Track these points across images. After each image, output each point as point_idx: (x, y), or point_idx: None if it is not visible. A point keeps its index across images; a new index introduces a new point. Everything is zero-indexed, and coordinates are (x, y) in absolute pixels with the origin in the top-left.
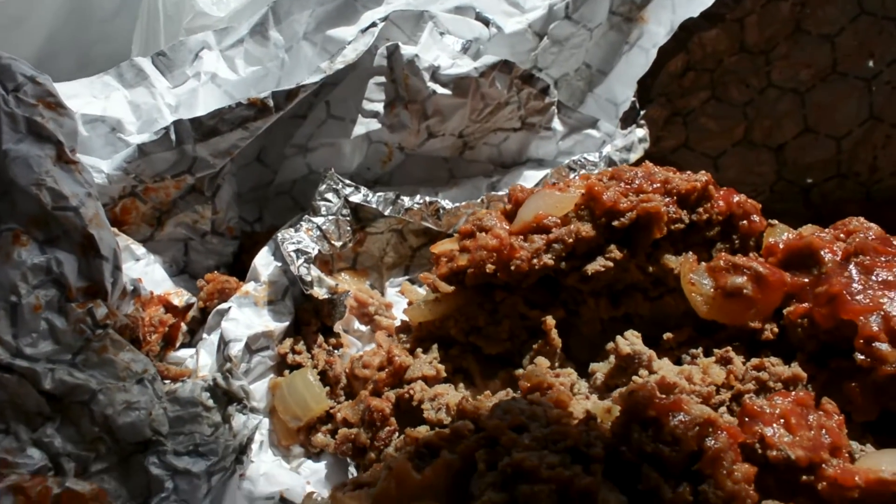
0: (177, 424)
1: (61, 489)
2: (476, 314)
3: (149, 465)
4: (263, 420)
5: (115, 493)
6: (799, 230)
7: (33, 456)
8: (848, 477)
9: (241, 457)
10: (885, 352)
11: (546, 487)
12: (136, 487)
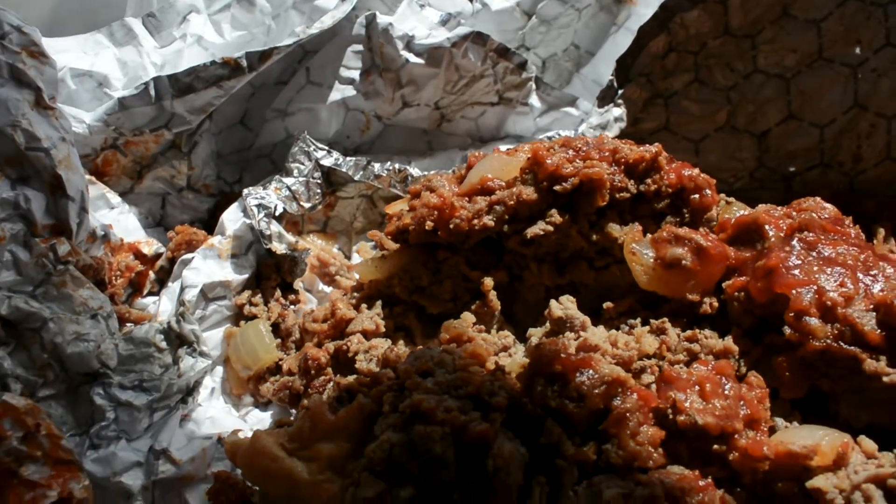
0: (129, 362)
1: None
2: (420, 273)
3: (94, 395)
4: (217, 368)
5: (61, 419)
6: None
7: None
8: (757, 448)
9: (186, 397)
10: (815, 326)
11: (440, 429)
12: (82, 416)
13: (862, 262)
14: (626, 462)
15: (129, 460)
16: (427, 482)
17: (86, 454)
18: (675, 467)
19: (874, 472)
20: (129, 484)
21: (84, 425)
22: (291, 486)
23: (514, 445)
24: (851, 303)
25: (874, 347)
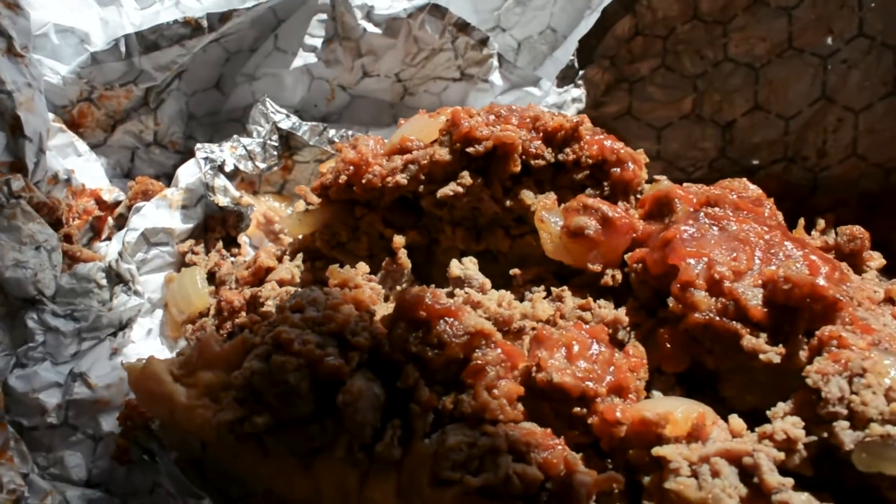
0: (70, 295)
1: None
2: (339, 229)
3: (27, 318)
4: (158, 311)
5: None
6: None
7: None
8: (610, 412)
9: (117, 332)
10: (698, 299)
11: (295, 360)
12: (17, 338)
13: (765, 241)
14: (476, 413)
15: (49, 380)
16: (285, 413)
17: (11, 371)
18: (528, 424)
19: (725, 446)
20: (44, 401)
21: (17, 346)
22: (171, 409)
23: (367, 384)
24: (741, 278)
25: (756, 324)
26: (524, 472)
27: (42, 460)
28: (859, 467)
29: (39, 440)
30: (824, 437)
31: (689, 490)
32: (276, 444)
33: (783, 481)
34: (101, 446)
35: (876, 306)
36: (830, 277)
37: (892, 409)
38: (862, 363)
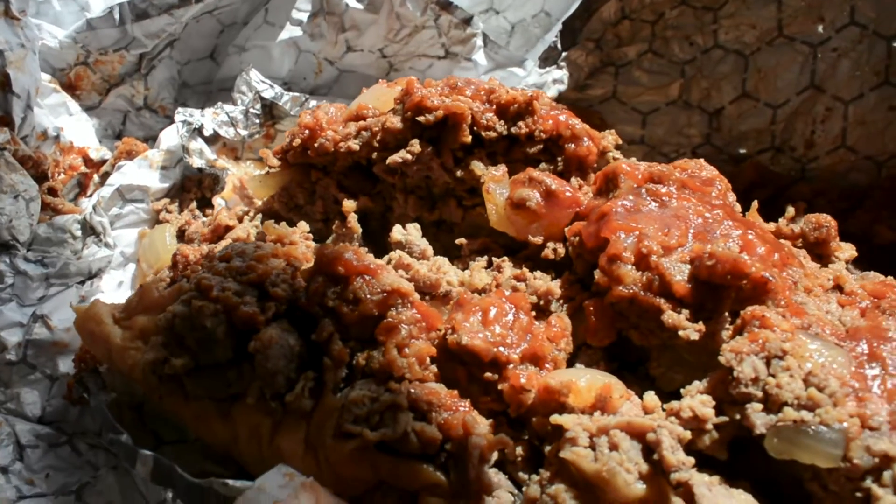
0: (46, 244)
1: None
2: (296, 192)
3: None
4: (131, 265)
5: None
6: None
7: None
8: (516, 378)
9: (85, 280)
10: (623, 272)
11: (212, 306)
12: None
13: (704, 220)
14: (384, 369)
15: (13, 320)
16: (204, 357)
17: None
18: (435, 385)
19: (627, 419)
20: (6, 338)
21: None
22: (108, 350)
23: (281, 334)
24: (670, 253)
25: (679, 300)
26: (423, 430)
27: (0, 395)
28: (771, 453)
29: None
30: (736, 418)
31: (583, 460)
32: (195, 387)
33: (684, 460)
34: (57, 386)
35: (824, 293)
36: (766, 258)
37: (809, 394)
38: (782, 345)
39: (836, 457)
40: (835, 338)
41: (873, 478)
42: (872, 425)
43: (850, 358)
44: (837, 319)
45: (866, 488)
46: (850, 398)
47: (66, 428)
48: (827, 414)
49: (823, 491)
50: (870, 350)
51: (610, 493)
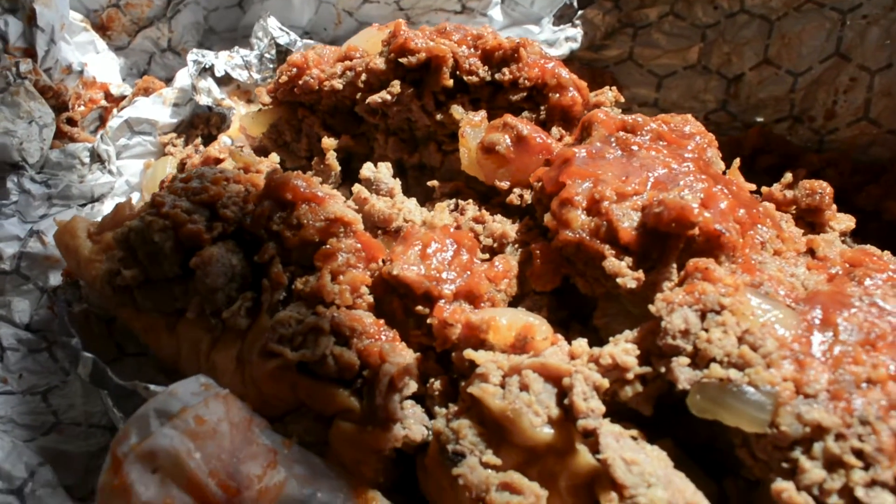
0: (55, 167)
1: None
2: (284, 129)
3: (8, 180)
4: (136, 193)
5: None
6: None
7: None
8: (440, 311)
9: (86, 204)
10: (570, 216)
11: (162, 221)
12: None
13: (670, 170)
14: (314, 292)
15: (11, 233)
16: (153, 272)
17: None
18: (363, 314)
19: (542, 360)
20: (3, 248)
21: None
22: (77, 261)
23: (224, 253)
24: (623, 200)
25: (623, 247)
26: (341, 354)
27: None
28: (693, 410)
29: None
30: (661, 372)
31: (490, 398)
32: (144, 300)
33: (595, 407)
34: (46, 298)
35: (795, 256)
36: (726, 213)
37: (741, 351)
38: (721, 299)
39: (762, 421)
40: (790, 300)
41: (803, 449)
42: (808, 392)
43: (799, 321)
44: (801, 283)
45: (794, 459)
46: (788, 361)
47: (49, 336)
48: (757, 374)
49: (752, 459)
50: (824, 315)
51: (516, 434)
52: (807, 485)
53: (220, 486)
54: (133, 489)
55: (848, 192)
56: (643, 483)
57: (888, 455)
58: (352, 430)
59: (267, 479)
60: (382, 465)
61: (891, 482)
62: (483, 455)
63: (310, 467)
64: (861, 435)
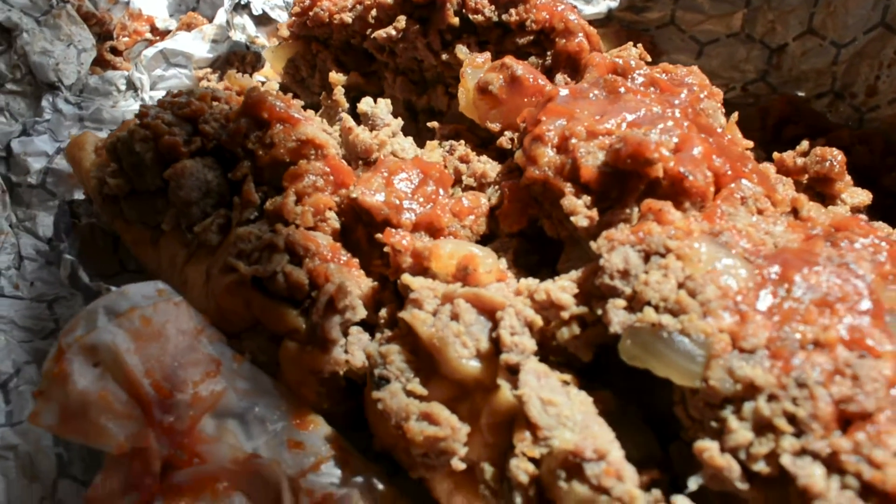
0: (92, 92)
1: None
2: (300, 64)
3: (44, 99)
4: None
5: (19, 111)
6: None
7: None
8: (389, 235)
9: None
10: (541, 153)
11: (143, 132)
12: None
13: (652, 114)
14: (277, 210)
15: (41, 149)
16: (137, 182)
17: (18, 136)
18: (318, 234)
19: (475, 291)
20: (31, 163)
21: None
22: (79, 171)
23: (199, 167)
24: (593, 139)
25: (584, 185)
26: (291, 272)
27: (21, 213)
28: (623, 356)
29: (21, 196)
30: (599, 315)
31: (420, 324)
32: (129, 210)
33: (519, 342)
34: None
35: (777, 215)
36: (698, 160)
37: (678, 297)
38: (667, 241)
39: (692, 374)
40: (752, 255)
41: (733, 408)
42: (744, 347)
43: (753, 274)
44: (774, 241)
45: (723, 418)
46: (729, 313)
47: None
48: (690, 322)
49: (688, 419)
50: (782, 271)
51: (442, 365)
52: (732, 446)
53: (154, 385)
54: (71, 378)
55: (877, 172)
56: (558, 425)
57: (823, 423)
58: (295, 349)
59: (204, 386)
60: (325, 390)
61: (823, 453)
62: (408, 383)
63: (254, 383)
64: (796, 398)
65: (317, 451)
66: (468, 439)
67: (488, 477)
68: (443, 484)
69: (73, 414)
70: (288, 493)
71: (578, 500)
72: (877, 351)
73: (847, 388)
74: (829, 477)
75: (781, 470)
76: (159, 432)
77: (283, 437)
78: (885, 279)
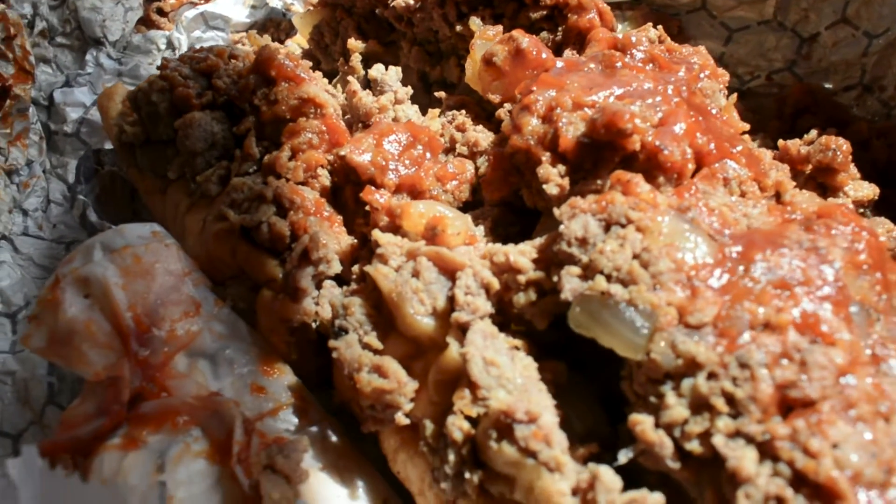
0: (134, 49)
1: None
2: (325, 30)
3: (88, 55)
4: None
5: (65, 64)
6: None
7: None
8: (369, 193)
9: None
10: (525, 121)
11: (161, 82)
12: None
13: (641, 89)
14: (270, 164)
15: (79, 100)
16: (152, 132)
17: (61, 87)
18: (306, 189)
19: (438, 250)
20: (68, 112)
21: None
22: (105, 120)
23: (207, 119)
24: (578, 110)
25: (561, 155)
26: (274, 223)
27: (54, 160)
28: (570, 324)
29: (57, 144)
30: (555, 281)
31: (382, 278)
32: (142, 158)
33: (471, 301)
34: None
35: (759, 198)
36: (678, 136)
37: (630, 267)
38: (629, 212)
39: (636, 346)
40: (717, 233)
41: (673, 384)
42: (690, 322)
43: (714, 252)
44: (748, 223)
45: (661, 394)
46: (681, 287)
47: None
48: (638, 293)
49: (633, 395)
50: (745, 250)
51: (399, 320)
52: (667, 422)
53: (135, 319)
54: (62, 306)
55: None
56: (497, 386)
57: (761, 407)
58: (270, 297)
59: (181, 325)
60: (294, 339)
61: (758, 437)
62: (365, 335)
63: (230, 328)
64: (736, 378)
65: (277, 398)
66: (416, 397)
67: (428, 433)
68: (390, 440)
69: (59, 339)
70: (240, 429)
71: (506, 461)
72: (831, 338)
73: (792, 373)
74: (761, 462)
75: (714, 451)
76: (134, 364)
77: (248, 381)
78: (858, 268)
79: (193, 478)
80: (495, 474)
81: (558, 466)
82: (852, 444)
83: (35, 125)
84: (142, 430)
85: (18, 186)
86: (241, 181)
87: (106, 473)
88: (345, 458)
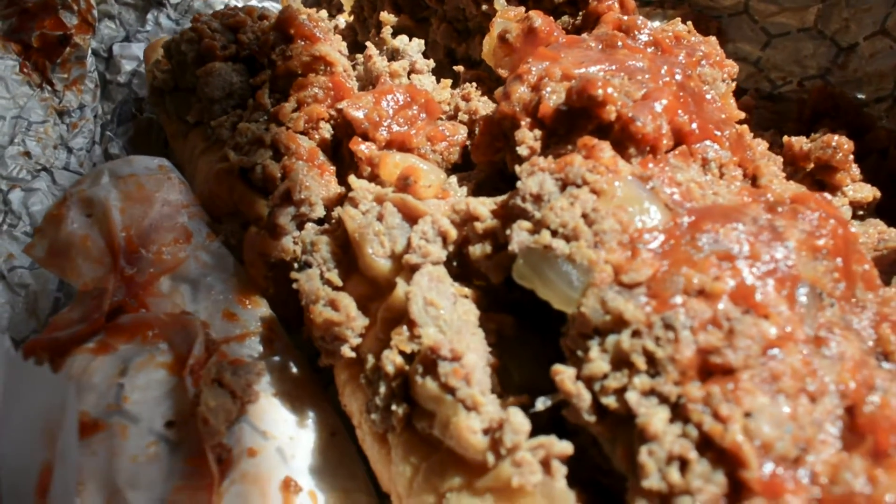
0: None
1: None
2: (365, 4)
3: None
4: None
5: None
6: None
7: None
8: (356, 143)
9: None
10: (515, 88)
11: (190, 33)
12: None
13: (635, 69)
14: (274, 112)
15: (135, 54)
16: (180, 79)
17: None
18: (303, 139)
19: (403, 196)
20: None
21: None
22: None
23: (228, 70)
24: (565, 81)
25: (540, 120)
26: (268, 165)
27: (105, 107)
28: (514, 276)
29: (110, 92)
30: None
31: (348, 218)
32: (170, 103)
33: (424, 246)
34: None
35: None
36: (657, 112)
37: (575, 224)
38: (586, 174)
39: (570, 299)
40: (676, 205)
41: (599, 339)
42: (624, 281)
43: (665, 221)
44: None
45: (587, 348)
46: (622, 248)
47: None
48: (578, 249)
49: (569, 351)
50: (696, 222)
51: (359, 259)
52: (587, 375)
53: (126, 239)
54: (65, 221)
55: None
56: (433, 325)
57: (680, 368)
58: (254, 232)
59: (169, 249)
60: (272, 274)
61: (671, 397)
62: (327, 272)
63: (217, 260)
64: (659, 338)
65: (246, 325)
66: (366, 333)
67: (368, 367)
68: (341, 375)
69: (57, 251)
70: (200, 346)
71: (428, 395)
72: (765, 310)
73: (717, 340)
74: (671, 423)
75: (629, 409)
76: (119, 280)
77: (222, 307)
78: (815, 251)
79: (151, 384)
80: (421, 409)
81: (475, 405)
82: (767, 415)
83: (92, 73)
84: (116, 339)
85: (68, 126)
86: (246, 126)
87: (74, 371)
88: (301, 388)
